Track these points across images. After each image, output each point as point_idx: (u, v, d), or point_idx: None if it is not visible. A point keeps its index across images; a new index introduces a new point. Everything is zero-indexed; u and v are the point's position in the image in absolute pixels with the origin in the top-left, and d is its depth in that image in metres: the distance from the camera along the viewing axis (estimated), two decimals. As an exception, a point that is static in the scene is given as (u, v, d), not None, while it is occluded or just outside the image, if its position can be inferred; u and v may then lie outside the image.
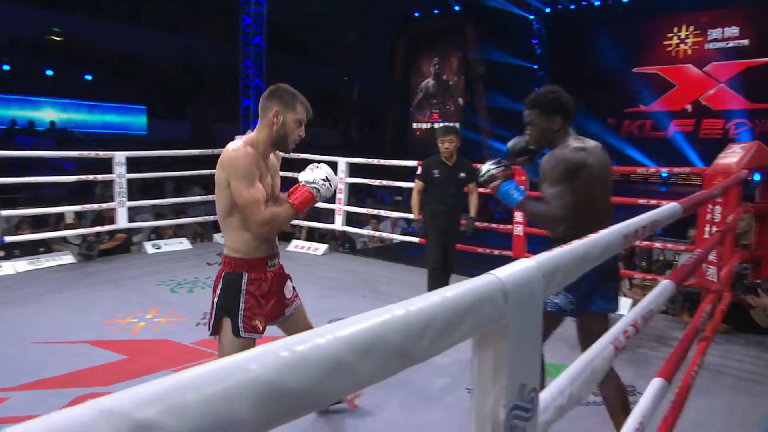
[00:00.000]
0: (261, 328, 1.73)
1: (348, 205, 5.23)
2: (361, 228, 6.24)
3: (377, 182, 5.22)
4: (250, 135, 1.74)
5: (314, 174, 1.73)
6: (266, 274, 1.75)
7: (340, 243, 6.19)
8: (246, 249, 1.71)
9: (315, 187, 1.71)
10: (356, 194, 11.09)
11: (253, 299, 1.71)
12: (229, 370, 0.36)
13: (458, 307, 0.52)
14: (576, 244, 0.78)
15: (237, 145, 1.67)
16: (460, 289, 0.55)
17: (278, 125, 1.71)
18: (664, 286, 1.26)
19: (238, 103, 13.10)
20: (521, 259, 0.66)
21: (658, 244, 3.84)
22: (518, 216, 4.13)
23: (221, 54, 14.20)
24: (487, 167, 1.82)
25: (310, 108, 1.76)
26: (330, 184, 1.73)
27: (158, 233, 5.60)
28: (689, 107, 14.55)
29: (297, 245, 5.40)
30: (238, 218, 1.67)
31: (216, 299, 1.72)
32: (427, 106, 17.79)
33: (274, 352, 0.39)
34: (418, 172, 3.49)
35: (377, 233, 5.84)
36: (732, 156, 3.04)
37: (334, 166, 5.07)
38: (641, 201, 3.45)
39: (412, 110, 18.06)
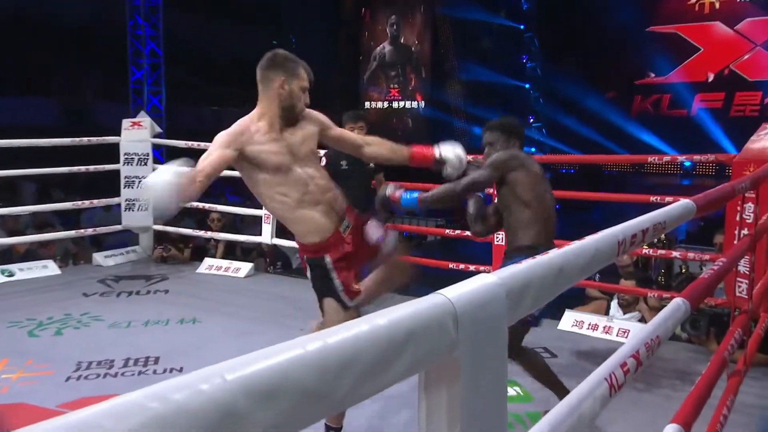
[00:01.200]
0: (359, 286, 2.17)
1: None
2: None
3: None
4: (255, 110, 2.04)
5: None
6: (344, 241, 2.14)
7: (270, 261, 6.17)
8: (314, 232, 2.10)
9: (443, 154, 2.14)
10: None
11: (344, 270, 2.11)
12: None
13: (393, 337, 0.54)
14: (553, 255, 0.82)
15: (239, 121, 2.01)
16: (396, 314, 0.57)
17: (285, 95, 2.03)
18: (676, 305, 1.32)
19: (126, 75, 12.75)
20: (481, 275, 0.68)
21: (676, 254, 4.02)
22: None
23: (101, 7, 13.80)
24: (389, 189, 2.42)
25: (311, 71, 2.08)
26: (461, 156, 2.16)
27: (9, 255, 5.36)
28: (715, 77, 15.32)
29: (211, 266, 5.33)
30: (276, 205, 2.06)
31: (311, 283, 2.16)
32: (384, 78, 17.98)
33: (140, 404, 0.39)
34: (323, 163, 3.91)
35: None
36: (766, 138, 3.22)
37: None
38: (654, 198, 3.59)
39: (364, 84, 18.20)
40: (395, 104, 17.83)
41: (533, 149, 18.42)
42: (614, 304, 4.05)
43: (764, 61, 14.72)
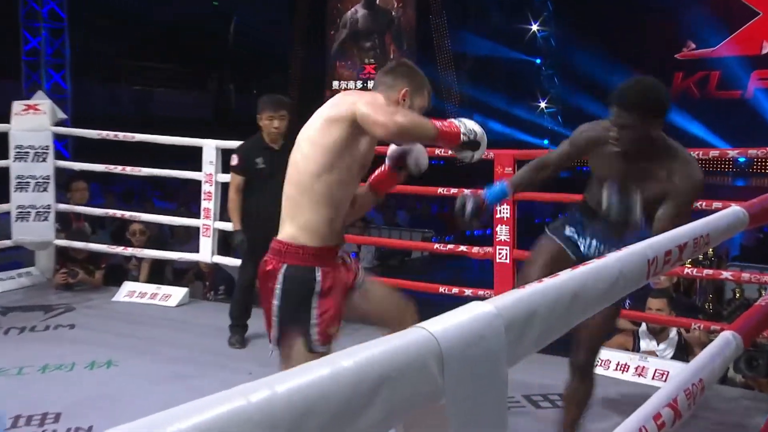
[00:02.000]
0: (336, 333, 2.21)
1: (224, 219, 5.26)
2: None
3: None
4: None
5: (469, 122, 2.22)
6: (337, 266, 2.24)
7: (211, 285, 6.13)
8: (323, 233, 2.18)
9: (462, 123, 2.18)
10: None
11: (327, 302, 2.18)
12: None
13: (361, 383, 0.55)
14: (565, 277, 0.83)
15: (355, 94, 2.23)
16: (365, 354, 0.57)
17: (405, 108, 2.21)
18: (724, 340, 1.35)
19: (17, 43, 12.55)
20: (473, 303, 0.69)
21: (727, 274, 4.09)
22: (502, 232, 4.30)
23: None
24: (468, 209, 2.52)
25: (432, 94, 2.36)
26: (480, 136, 2.21)
27: None
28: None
29: (132, 291, 5.28)
30: (331, 183, 2.15)
31: (276, 304, 2.18)
32: (356, 51, 18.04)
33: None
34: (235, 162, 4.14)
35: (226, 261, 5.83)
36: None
37: (198, 153, 5.05)
38: (698, 204, 3.62)
39: (331, 58, 18.24)
40: (371, 84, 17.88)
41: (546, 141, 18.65)
42: (643, 331, 4.10)
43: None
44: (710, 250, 5.77)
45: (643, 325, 4.15)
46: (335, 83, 18.13)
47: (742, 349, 1.34)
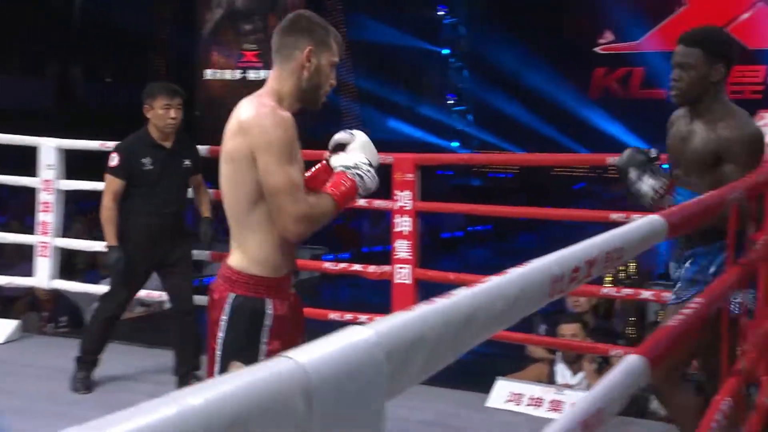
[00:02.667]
0: None
1: (65, 235, 5.13)
2: (95, 282, 6.07)
3: None
4: (268, 88, 2.29)
5: (353, 154, 2.30)
6: (289, 298, 2.34)
7: (50, 315, 5.93)
8: (273, 261, 2.26)
9: (357, 174, 2.27)
10: (86, 211, 10.62)
11: (277, 340, 2.25)
12: None
13: (214, 422, 0.55)
14: (458, 297, 0.86)
15: (266, 104, 2.22)
16: (219, 388, 0.58)
17: (311, 71, 2.27)
18: (629, 365, 1.40)
19: None
20: (350, 328, 0.71)
21: (648, 294, 4.29)
22: (402, 248, 4.38)
23: None
24: (647, 186, 2.76)
25: (342, 42, 2.36)
26: (373, 171, 2.30)
27: None
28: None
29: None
30: (266, 212, 2.20)
31: (221, 337, 2.25)
32: (234, 36, 17.84)
33: None
34: (114, 163, 4.00)
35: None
36: (764, 131, 3.52)
37: (32, 154, 4.90)
38: (616, 215, 3.80)
39: (203, 43, 17.95)
40: (252, 74, 17.74)
41: (455, 144, 19.01)
42: (559, 363, 4.26)
43: (767, 22, 16.07)
44: (633, 267, 6.05)
45: (559, 358, 4.29)
46: (209, 72, 17.84)
47: (649, 375, 1.40)
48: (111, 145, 4.89)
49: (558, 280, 1.09)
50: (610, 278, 6.24)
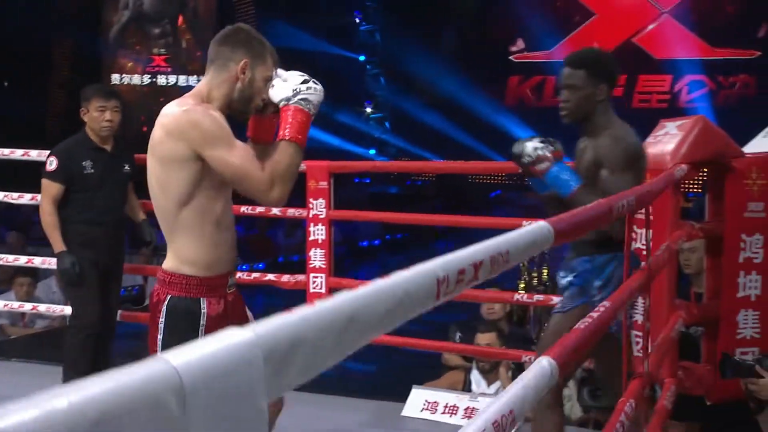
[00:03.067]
0: None
1: None
2: None
3: (32, 198, 4.98)
4: (194, 91, 2.38)
5: (288, 82, 2.33)
6: (226, 297, 2.40)
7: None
8: (206, 260, 2.33)
9: (302, 99, 2.30)
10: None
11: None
12: None
13: (80, 425, 0.54)
14: (339, 299, 0.87)
15: (190, 103, 2.30)
16: (88, 390, 0.56)
17: (244, 83, 2.36)
18: (540, 368, 1.45)
19: None
20: (229, 330, 0.70)
21: (539, 297, 4.37)
22: (317, 257, 4.41)
23: None
24: (532, 145, 2.83)
25: (278, 58, 2.44)
26: (314, 83, 2.34)
27: None
28: (613, 53, 17.04)
29: None
30: (195, 212, 2.29)
31: (160, 339, 2.32)
32: (142, 39, 17.57)
33: None
34: (52, 167, 3.93)
35: (30, 307, 5.55)
36: (665, 141, 3.65)
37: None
38: (527, 223, 3.89)
39: (109, 47, 17.61)
40: (161, 80, 17.49)
41: (372, 151, 19.10)
42: (474, 372, 4.32)
43: (672, 33, 16.60)
44: (545, 274, 6.18)
45: (474, 367, 4.36)
46: (115, 77, 17.48)
47: (556, 377, 1.45)
48: (7, 152, 4.76)
49: (443, 282, 1.11)
50: (523, 285, 6.38)
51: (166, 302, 2.32)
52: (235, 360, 0.67)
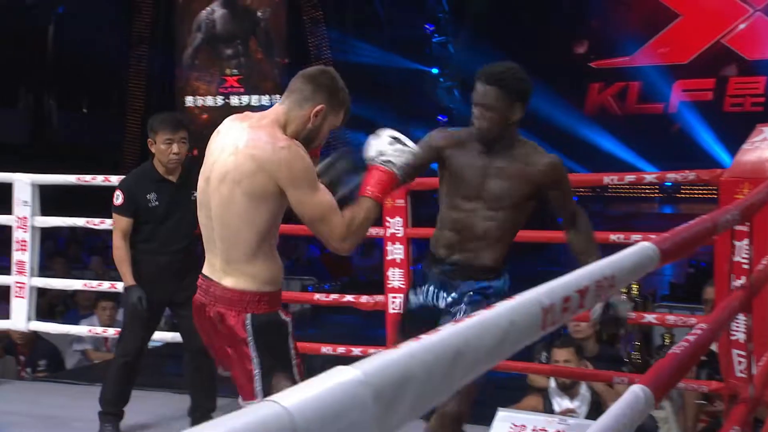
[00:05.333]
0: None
1: (42, 274, 5.15)
2: (75, 322, 6.04)
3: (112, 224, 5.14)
4: (274, 119, 2.48)
5: (375, 144, 2.52)
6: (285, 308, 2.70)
7: (27, 359, 5.90)
8: (277, 278, 2.55)
9: (386, 161, 2.49)
10: (63, 251, 10.65)
11: (295, 341, 2.59)
12: None
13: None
14: (445, 333, 0.87)
15: (280, 137, 2.42)
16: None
17: (314, 126, 2.50)
18: (633, 396, 1.41)
19: None
20: (336, 368, 0.72)
21: (651, 317, 4.26)
22: (395, 277, 4.40)
23: None
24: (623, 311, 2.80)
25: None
26: (402, 143, 2.53)
27: None
28: (700, 56, 16.37)
29: None
30: (272, 240, 2.52)
31: (254, 356, 2.49)
32: (215, 60, 17.91)
33: None
34: (119, 201, 4.01)
35: (113, 332, 5.65)
36: (763, 147, 3.52)
37: (7, 190, 4.90)
38: (616, 237, 3.81)
39: (183, 69, 17.99)
40: (235, 100, 17.78)
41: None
42: (553, 388, 4.25)
43: (765, 32, 16.10)
44: (635, 289, 6.05)
45: (552, 382, 4.28)
46: (189, 99, 17.86)
47: (653, 405, 1.42)
48: (88, 178, 4.91)
49: (549, 311, 1.10)
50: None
51: (249, 321, 2.47)
52: (345, 400, 0.68)
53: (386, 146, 2.49)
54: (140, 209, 3.98)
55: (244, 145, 2.41)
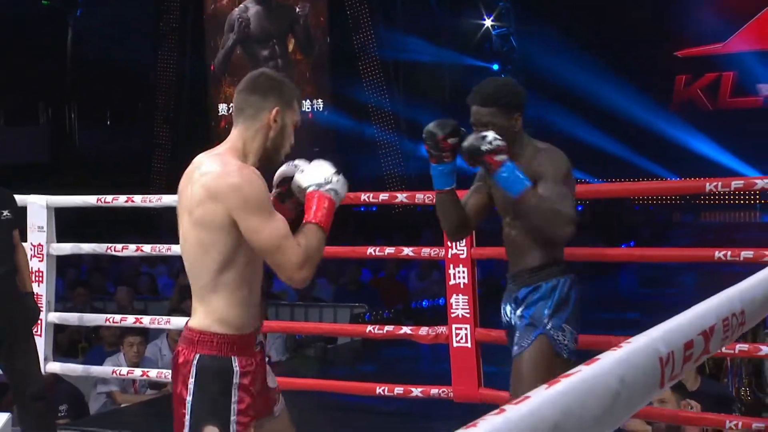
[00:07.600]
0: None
1: (62, 306, 5.17)
2: (100, 360, 6.12)
3: (137, 249, 5.17)
4: (230, 145, 2.63)
5: (320, 170, 2.64)
6: (255, 356, 2.64)
7: (46, 403, 5.90)
8: (239, 320, 2.58)
9: (331, 189, 2.62)
10: (86, 281, 10.72)
11: (248, 396, 2.57)
12: None
13: None
14: (539, 401, 0.77)
15: (231, 163, 2.55)
16: None
17: (277, 131, 2.64)
18: None
19: None
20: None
21: (767, 348, 4.11)
22: (459, 304, 4.32)
23: None
24: (491, 135, 3.04)
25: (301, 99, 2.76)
26: (342, 177, 2.65)
27: None
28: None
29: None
30: (236, 274, 2.56)
31: (189, 400, 2.53)
32: (250, 62, 18.03)
33: None
34: None
35: (140, 372, 5.67)
36: None
37: (23, 213, 4.93)
38: (720, 254, 3.71)
39: (215, 73, 18.15)
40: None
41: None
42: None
43: None
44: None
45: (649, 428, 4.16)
46: (222, 107, 17.97)
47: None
48: (109, 199, 4.90)
49: (668, 362, 0.96)
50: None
51: (195, 362, 2.54)
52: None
53: (333, 175, 2.63)
54: None
55: (199, 173, 2.55)
